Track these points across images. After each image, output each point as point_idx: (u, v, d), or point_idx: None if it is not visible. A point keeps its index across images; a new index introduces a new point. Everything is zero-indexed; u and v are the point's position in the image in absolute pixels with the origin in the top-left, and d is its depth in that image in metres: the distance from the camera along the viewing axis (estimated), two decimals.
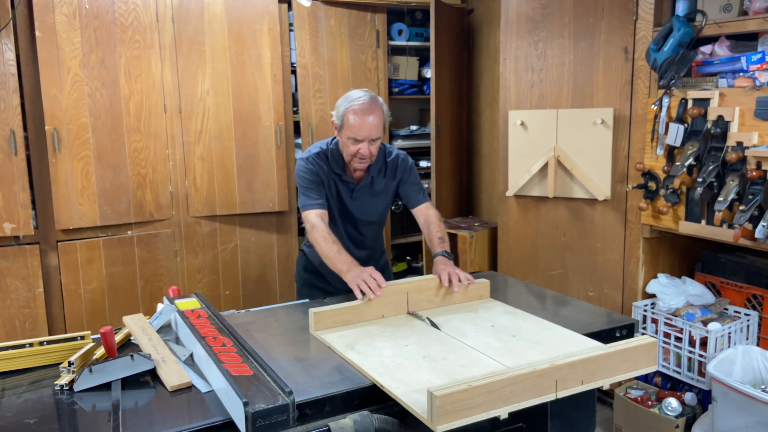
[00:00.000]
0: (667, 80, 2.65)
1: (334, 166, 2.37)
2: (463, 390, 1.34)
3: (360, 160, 2.28)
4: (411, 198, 2.51)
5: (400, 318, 2.00)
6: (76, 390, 1.57)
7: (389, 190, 2.49)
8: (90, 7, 3.19)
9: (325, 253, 2.19)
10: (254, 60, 3.60)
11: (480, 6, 4.26)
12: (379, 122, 2.25)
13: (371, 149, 2.26)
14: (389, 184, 2.47)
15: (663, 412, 2.70)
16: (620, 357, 1.58)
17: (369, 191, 2.44)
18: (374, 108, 2.24)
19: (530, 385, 1.44)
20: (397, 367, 1.62)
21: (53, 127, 3.17)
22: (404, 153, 2.51)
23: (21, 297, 3.22)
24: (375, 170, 2.41)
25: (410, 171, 2.50)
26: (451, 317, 2.00)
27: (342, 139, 2.29)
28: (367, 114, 2.22)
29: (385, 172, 2.45)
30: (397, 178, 2.47)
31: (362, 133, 2.21)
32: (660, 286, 2.85)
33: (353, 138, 2.23)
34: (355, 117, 2.21)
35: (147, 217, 3.47)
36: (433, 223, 2.44)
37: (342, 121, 2.25)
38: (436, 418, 1.32)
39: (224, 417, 1.42)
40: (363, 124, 2.21)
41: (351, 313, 1.95)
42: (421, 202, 2.51)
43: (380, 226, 2.60)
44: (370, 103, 2.23)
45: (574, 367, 1.50)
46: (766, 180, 2.29)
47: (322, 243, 2.20)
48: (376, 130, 2.24)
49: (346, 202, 2.42)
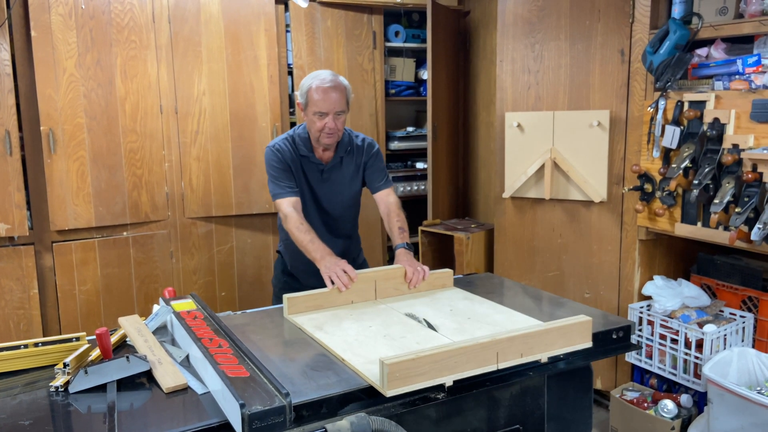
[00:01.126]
0: (663, 82, 2.66)
1: (302, 149, 2.43)
2: (411, 359, 1.49)
3: (327, 134, 2.34)
4: (373, 182, 2.56)
5: (368, 304, 2.14)
6: (71, 391, 1.56)
7: (358, 172, 2.54)
8: (86, 7, 3.18)
9: (299, 242, 2.27)
10: (251, 61, 3.60)
11: (476, 8, 4.26)
12: (342, 96, 2.34)
13: (337, 123, 2.34)
14: (358, 165, 2.53)
15: (659, 413, 2.71)
16: (557, 333, 1.71)
17: (339, 172, 2.49)
18: (336, 83, 2.34)
19: (473, 356, 1.58)
20: (359, 344, 1.78)
21: (48, 128, 3.16)
22: (371, 139, 2.59)
23: (15, 298, 3.20)
24: (343, 150, 2.48)
25: (376, 155, 2.56)
26: (414, 302, 2.15)
27: (308, 117, 2.37)
28: (330, 88, 2.31)
29: (353, 153, 2.51)
30: (363, 159, 2.53)
31: (326, 105, 2.30)
32: (656, 288, 2.85)
33: (318, 112, 2.32)
34: (318, 92, 2.31)
35: (142, 218, 3.46)
36: (393, 211, 2.49)
37: (306, 98, 2.35)
38: (386, 384, 1.47)
39: (220, 419, 1.41)
40: (327, 98, 2.30)
41: (322, 299, 2.09)
42: (382, 188, 2.55)
43: (354, 212, 2.64)
44: (332, 78, 2.34)
45: (514, 341, 1.64)
46: (761, 182, 2.29)
47: (295, 233, 2.28)
48: (339, 103, 2.33)
49: (315, 186, 2.47)
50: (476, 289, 2.29)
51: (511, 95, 3.37)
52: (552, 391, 1.82)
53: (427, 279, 2.24)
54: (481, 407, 1.71)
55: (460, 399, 1.64)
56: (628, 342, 1.93)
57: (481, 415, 1.72)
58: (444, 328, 1.89)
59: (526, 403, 1.78)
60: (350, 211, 2.61)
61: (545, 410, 1.81)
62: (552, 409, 1.83)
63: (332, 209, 2.54)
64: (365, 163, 2.54)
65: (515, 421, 1.77)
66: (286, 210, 2.36)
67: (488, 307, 2.08)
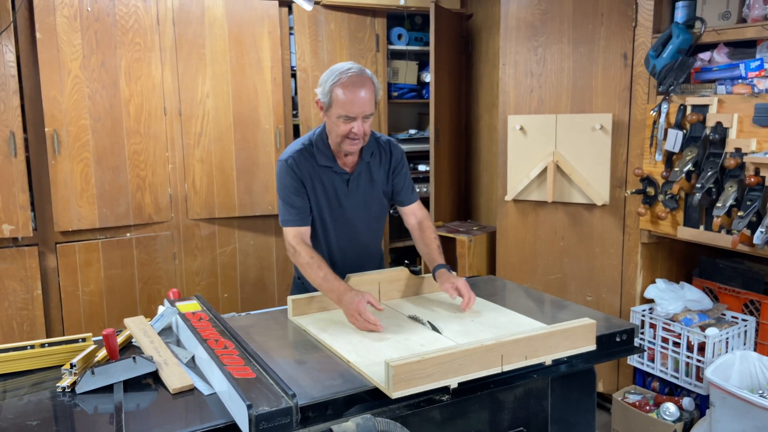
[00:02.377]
0: (666, 86, 2.66)
1: (322, 159, 2.10)
2: (416, 361, 1.49)
3: (352, 141, 2.02)
4: (402, 194, 2.26)
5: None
6: (78, 392, 1.56)
7: (387, 178, 2.23)
8: (91, 10, 3.19)
9: (311, 279, 2.02)
10: (254, 63, 3.61)
11: (479, 11, 4.28)
12: (371, 96, 1.99)
13: (365, 127, 2.00)
14: (386, 172, 2.22)
15: (661, 417, 2.71)
16: (561, 336, 1.71)
17: (367, 179, 2.18)
18: (365, 80, 1.98)
19: (477, 359, 1.58)
20: (364, 346, 1.77)
21: (53, 129, 3.17)
22: (392, 139, 2.28)
23: (19, 299, 3.21)
24: (368, 154, 2.15)
25: (403, 161, 2.27)
26: (418, 305, 2.14)
27: (331, 119, 2.03)
28: (358, 87, 1.96)
29: (379, 157, 2.19)
30: (392, 167, 2.22)
31: (355, 108, 1.96)
32: (658, 291, 2.86)
33: (344, 116, 1.97)
34: (344, 91, 1.95)
35: (146, 220, 3.47)
36: (428, 227, 2.25)
37: (330, 98, 1.98)
38: (392, 386, 1.47)
39: (227, 420, 1.42)
40: (355, 99, 1.95)
41: (326, 301, 2.07)
42: (413, 200, 2.29)
43: (381, 225, 2.33)
44: (360, 75, 1.97)
45: (518, 344, 1.64)
46: (764, 186, 2.30)
47: (306, 269, 2.02)
48: (369, 104, 1.98)
49: (342, 200, 2.16)
50: (479, 292, 2.29)
51: (514, 98, 3.38)
52: (556, 393, 1.82)
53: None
54: (485, 409, 1.72)
55: (464, 401, 1.65)
56: (631, 345, 1.93)
57: (485, 417, 1.72)
58: (448, 330, 1.90)
59: (530, 405, 1.79)
60: (377, 224, 2.30)
61: (549, 413, 1.82)
62: (555, 412, 1.83)
63: (358, 223, 2.22)
64: (393, 169, 2.22)
65: (519, 424, 1.77)
66: (293, 242, 2.07)
67: (491, 310, 2.09)
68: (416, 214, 2.30)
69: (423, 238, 2.24)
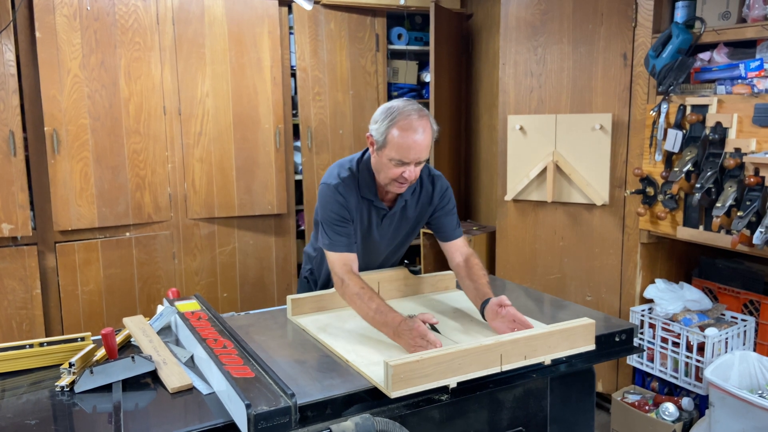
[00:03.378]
0: (665, 86, 2.66)
1: (365, 191, 2.03)
2: (415, 361, 1.49)
3: (400, 185, 1.94)
4: (447, 229, 2.14)
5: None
6: (76, 391, 1.56)
7: (422, 216, 2.15)
8: (91, 9, 3.19)
9: (361, 312, 1.86)
10: (254, 63, 3.61)
11: (479, 11, 4.28)
12: (428, 141, 1.89)
13: (416, 172, 1.92)
14: (424, 210, 2.14)
15: (660, 417, 2.71)
16: (560, 335, 1.71)
17: (401, 216, 2.13)
18: (425, 124, 1.88)
19: (477, 359, 1.58)
20: (363, 345, 1.78)
21: (52, 128, 3.17)
22: (440, 173, 2.16)
23: (18, 298, 3.21)
24: (408, 193, 2.07)
25: (449, 197, 2.15)
26: (417, 305, 2.15)
27: (381, 159, 1.92)
28: (417, 131, 1.86)
29: (419, 195, 2.11)
30: (433, 204, 2.12)
31: (411, 155, 1.86)
32: (657, 291, 2.86)
33: (398, 159, 1.88)
34: (402, 135, 1.85)
35: (145, 219, 3.47)
36: (475, 264, 2.06)
37: (385, 138, 1.88)
38: (391, 385, 1.47)
39: (225, 419, 1.42)
40: (412, 144, 1.85)
41: (326, 300, 2.08)
42: (458, 236, 2.15)
43: (402, 251, 2.29)
44: (419, 119, 1.87)
45: (518, 344, 1.64)
46: (763, 186, 2.30)
47: (356, 301, 1.87)
48: (425, 150, 1.88)
49: (373, 231, 2.11)
50: None
51: (514, 98, 3.37)
52: (555, 393, 1.82)
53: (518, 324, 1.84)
54: (485, 409, 1.72)
55: (463, 401, 1.65)
56: (630, 345, 1.93)
57: (485, 417, 1.72)
58: (447, 329, 1.90)
59: (529, 405, 1.79)
60: (400, 250, 2.27)
61: (548, 412, 1.82)
62: (555, 412, 1.83)
63: (382, 252, 2.20)
64: (435, 207, 2.12)
65: (518, 423, 1.77)
66: (340, 271, 1.93)
67: None
68: (461, 251, 2.13)
69: (470, 274, 2.04)
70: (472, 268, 2.05)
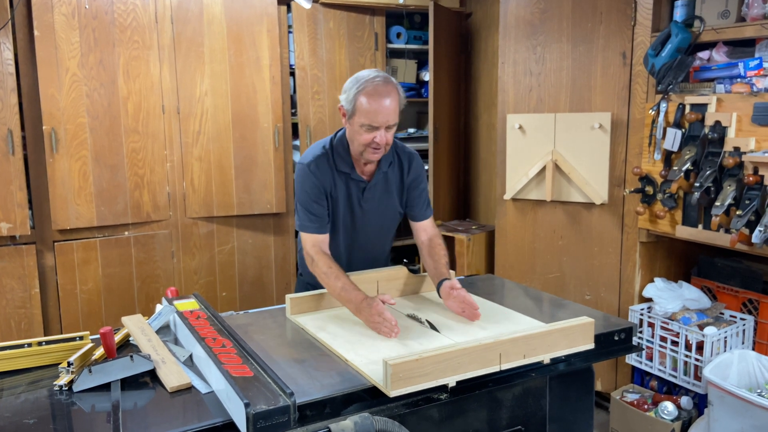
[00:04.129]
0: (665, 85, 2.66)
1: (341, 165, 2.09)
2: (415, 360, 1.49)
3: (374, 150, 2.00)
4: (417, 208, 2.23)
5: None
6: (75, 390, 1.56)
7: (403, 189, 2.21)
8: (89, 7, 3.19)
9: (329, 289, 2.00)
10: (253, 62, 3.60)
11: (478, 10, 4.27)
12: (396, 105, 1.97)
13: (387, 137, 1.99)
14: (402, 183, 2.20)
15: (659, 415, 2.71)
16: (560, 334, 1.71)
17: (383, 189, 2.17)
18: (390, 89, 1.96)
19: (476, 357, 1.58)
20: (362, 344, 1.77)
21: (51, 127, 3.16)
22: (412, 149, 2.24)
23: (17, 297, 3.20)
24: (386, 164, 2.14)
25: (423, 173, 2.23)
26: (416, 303, 2.14)
27: (353, 127, 2.01)
28: (383, 96, 1.94)
29: (396, 167, 2.18)
30: (410, 177, 2.19)
31: (379, 118, 1.94)
32: (656, 290, 2.86)
33: (368, 125, 1.95)
34: (369, 100, 1.93)
35: (144, 218, 3.47)
36: (438, 244, 2.18)
37: (353, 105, 1.97)
38: (390, 384, 1.47)
39: (224, 418, 1.42)
40: (379, 108, 1.93)
41: (325, 299, 2.08)
42: (427, 216, 2.24)
43: (390, 238, 2.33)
44: (385, 84, 1.95)
45: (517, 342, 1.64)
46: (762, 185, 2.30)
47: (324, 279, 1.99)
48: (393, 114, 1.97)
49: (355, 208, 2.16)
50: (477, 291, 2.29)
51: (513, 97, 3.37)
52: (554, 392, 1.82)
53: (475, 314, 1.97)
54: (484, 408, 1.72)
55: (462, 400, 1.65)
56: (629, 344, 1.93)
57: (484, 415, 1.72)
58: (446, 329, 1.90)
59: (528, 404, 1.79)
60: (388, 233, 2.30)
61: (547, 411, 1.82)
62: (554, 411, 1.83)
63: (370, 231, 2.22)
64: (411, 181, 2.19)
65: (517, 422, 1.77)
66: (311, 251, 2.04)
67: (490, 309, 2.09)
68: (427, 230, 2.23)
69: (432, 253, 2.16)
70: (435, 248, 2.17)
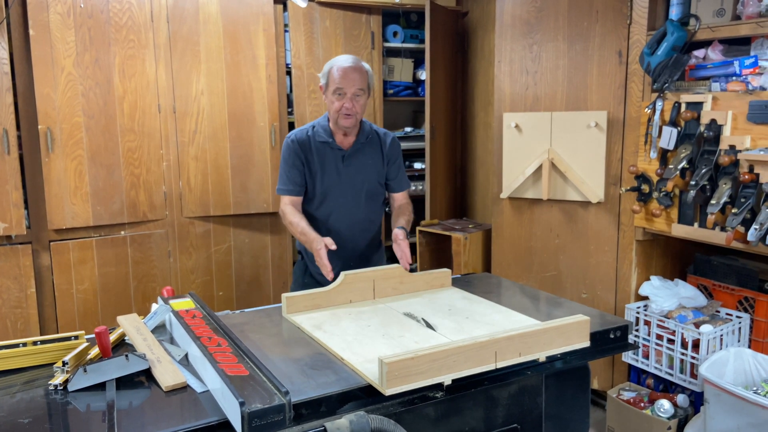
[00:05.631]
0: (660, 84, 2.67)
1: (322, 136, 2.46)
2: (410, 358, 1.50)
3: (345, 115, 2.37)
4: (396, 180, 2.59)
5: (366, 303, 2.14)
6: (70, 390, 1.56)
7: (383, 162, 2.55)
8: (84, 6, 3.18)
9: (294, 231, 2.42)
10: (249, 60, 3.60)
11: (475, 8, 4.27)
12: (363, 77, 2.38)
13: (355, 104, 2.37)
14: (380, 155, 2.54)
15: (655, 413, 2.72)
16: (555, 332, 1.72)
17: (361, 158, 2.50)
18: (357, 62, 2.39)
19: (471, 356, 1.59)
20: (358, 343, 1.78)
21: (46, 127, 3.15)
22: (393, 134, 2.64)
23: (13, 297, 3.20)
24: (364, 137, 2.50)
25: (399, 151, 2.61)
26: (413, 302, 2.16)
27: (328, 98, 2.40)
28: (352, 66, 2.37)
29: (374, 142, 2.53)
30: (386, 153, 2.55)
31: (346, 83, 2.34)
32: (653, 288, 2.86)
33: (338, 91, 2.35)
34: (338, 69, 2.36)
35: (140, 218, 3.46)
36: (406, 208, 2.57)
37: (327, 78, 2.39)
38: (386, 383, 1.48)
39: (219, 417, 1.42)
40: (348, 73, 2.35)
41: (321, 298, 2.11)
42: (403, 188, 2.62)
43: (380, 208, 2.61)
44: (353, 60, 2.40)
45: (512, 340, 1.65)
46: (758, 183, 2.30)
47: (290, 227, 2.42)
48: (360, 82, 2.36)
49: (340, 172, 2.47)
50: (474, 289, 2.30)
51: (509, 96, 3.37)
52: (550, 390, 1.83)
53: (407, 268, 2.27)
54: (479, 406, 1.72)
55: (458, 398, 1.65)
56: (625, 342, 1.94)
57: (479, 414, 1.72)
58: (442, 327, 1.90)
59: (524, 402, 1.79)
60: (373, 203, 2.57)
61: (543, 409, 1.82)
62: (550, 409, 1.83)
63: (354, 197, 2.51)
64: (389, 155, 2.55)
65: (513, 420, 1.77)
66: (284, 207, 2.46)
67: (486, 307, 2.09)
68: (401, 199, 2.61)
69: (399, 212, 2.55)
70: (402, 208, 2.57)
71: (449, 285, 2.34)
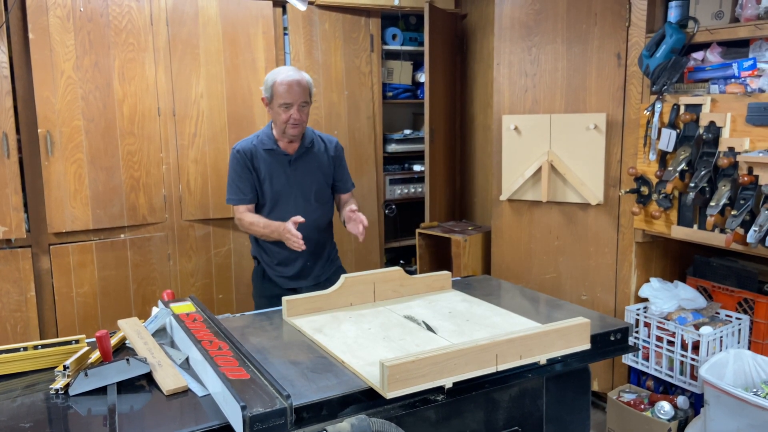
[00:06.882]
0: (659, 86, 2.67)
1: (267, 144, 2.60)
2: (411, 361, 1.51)
3: (293, 125, 2.52)
4: (342, 182, 2.76)
5: (366, 306, 2.15)
6: (71, 394, 1.56)
7: (330, 164, 2.70)
8: (84, 10, 3.18)
9: (259, 233, 2.57)
10: (248, 63, 3.60)
11: (474, 11, 4.28)
12: (305, 89, 2.53)
13: (302, 114, 2.53)
14: (325, 159, 2.69)
15: (655, 415, 2.72)
16: (556, 335, 1.73)
17: (307, 161, 2.65)
18: (300, 77, 2.53)
19: (472, 359, 1.59)
20: (359, 346, 1.79)
21: (46, 130, 3.16)
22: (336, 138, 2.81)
23: (12, 300, 3.19)
24: (308, 141, 2.65)
25: (342, 155, 2.77)
26: (413, 304, 2.16)
27: (274, 110, 2.54)
28: (294, 77, 2.50)
29: (318, 145, 2.68)
30: (331, 156, 2.71)
31: (292, 96, 2.48)
32: (652, 290, 2.87)
33: (284, 104, 2.49)
34: (282, 83, 2.49)
35: (140, 221, 3.46)
36: (352, 201, 2.73)
37: (271, 92, 2.52)
38: (387, 386, 1.48)
39: (221, 421, 1.42)
40: (293, 86, 2.49)
41: (321, 301, 2.11)
42: (350, 188, 2.81)
43: (327, 209, 2.74)
44: (295, 73, 2.53)
45: (513, 343, 1.66)
46: (757, 185, 2.31)
47: (253, 228, 2.57)
48: (303, 94, 2.52)
49: (287, 175, 2.61)
50: (474, 292, 2.30)
51: (508, 98, 3.38)
52: (550, 392, 1.83)
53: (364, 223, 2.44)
54: (480, 409, 1.72)
55: (459, 401, 1.65)
56: (625, 344, 1.94)
57: (480, 416, 1.72)
58: (443, 330, 1.90)
59: (525, 404, 1.79)
60: (323, 205, 2.71)
61: (544, 412, 1.82)
62: (550, 411, 1.84)
63: (304, 199, 2.64)
64: (334, 159, 2.71)
65: (514, 423, 1.78)
66: (239, 214, 2.60)
67: (486, 309, 2.09)
68: (347, 199, 2.77)
69: (347, 203, 2.71)
70: (349, 201, 2.73)
71: (449, 287, 2.34)
